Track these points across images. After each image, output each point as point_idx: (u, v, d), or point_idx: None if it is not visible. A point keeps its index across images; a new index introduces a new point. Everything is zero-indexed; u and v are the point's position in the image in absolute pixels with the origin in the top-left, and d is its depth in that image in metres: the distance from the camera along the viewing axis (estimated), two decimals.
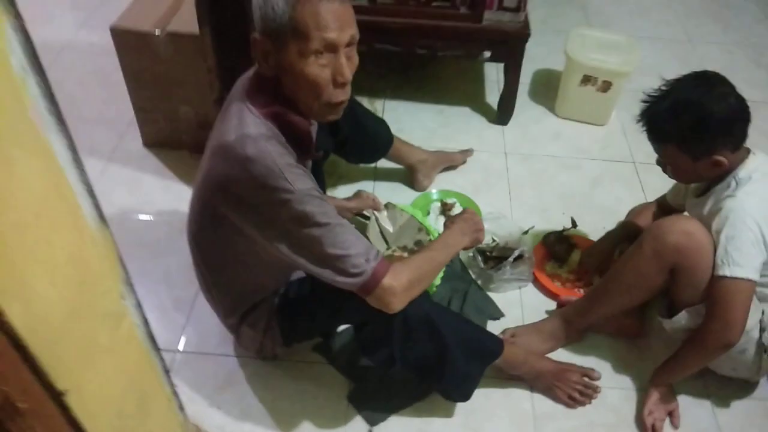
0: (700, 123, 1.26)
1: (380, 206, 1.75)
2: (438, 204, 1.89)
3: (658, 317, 1.46)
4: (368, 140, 1.78)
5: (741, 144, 1.31)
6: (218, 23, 1.52)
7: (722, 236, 1.27)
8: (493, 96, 2.31)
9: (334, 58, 1.06)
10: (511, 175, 2.05)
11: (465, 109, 2.29)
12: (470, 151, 2.07)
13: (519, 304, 1.67)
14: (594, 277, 1.71)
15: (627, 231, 1.66)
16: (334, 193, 1.90)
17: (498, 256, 1.71)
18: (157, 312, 1.58)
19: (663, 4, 3.03)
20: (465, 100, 2.32)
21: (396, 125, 1.97)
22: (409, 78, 2.40)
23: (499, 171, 2.06)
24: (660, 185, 1.65)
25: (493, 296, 1.68)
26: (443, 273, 1.61)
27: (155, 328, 0.91)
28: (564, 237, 1.79)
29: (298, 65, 1.05)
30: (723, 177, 1.33)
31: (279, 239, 1.10)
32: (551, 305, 1.67)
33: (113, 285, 0.84)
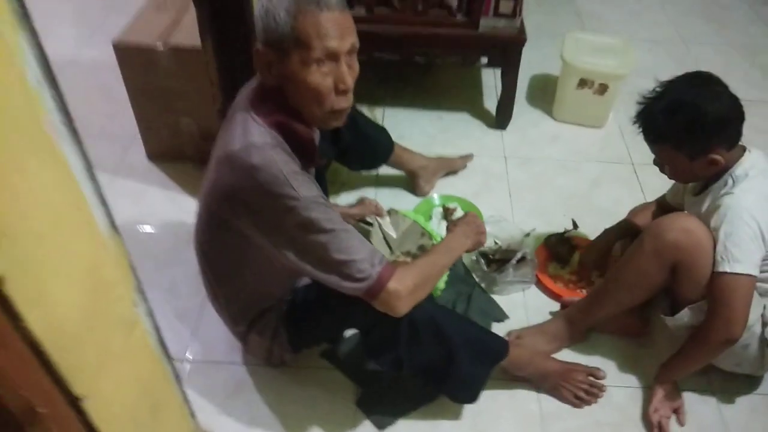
0: (695, 123, 1.28)
1: (383, 212, 1.76)
2: (440, 209, 1.91)
3: (661, 315, 1.47)
4: (369, 148, 1.80)
5: (736, 142, 1.32)
6: (220, 36, 1.54)
7: (721, 233, 1.28)
8: (491, 101, 2.33)
9: (336, 67, 1.08)
10: (511, 179, 2.07)
11: (464, 115, 2.32)
12: (470, 156, 2.09)
13: (523, 306, 1.68)
14: (593, 274, 1.72)
15: (623, 228, 1.68)
16: (337, 201, 1.92)
17: (501, 259, 1.73)
18: (165, 322, 1.58)
19: (656, 7, 3.07)
20: (463, 106, 2.35)
21: (396, 132, 1.99)
22: (408, 86, 2.42)
23: (499, 175, 2.08)
24: (659, 185, 1.67)
25: (497, 299, 1.69)
26: (447, 277, 1.63)
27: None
28: (565, 238, 1.80)
29: (301, 74, 1.07)
30: (720, 175, 1.34)
31: (285, 246, 1.12)
32: (555, 306, 1.68)
33: (126, 292, 0.85)
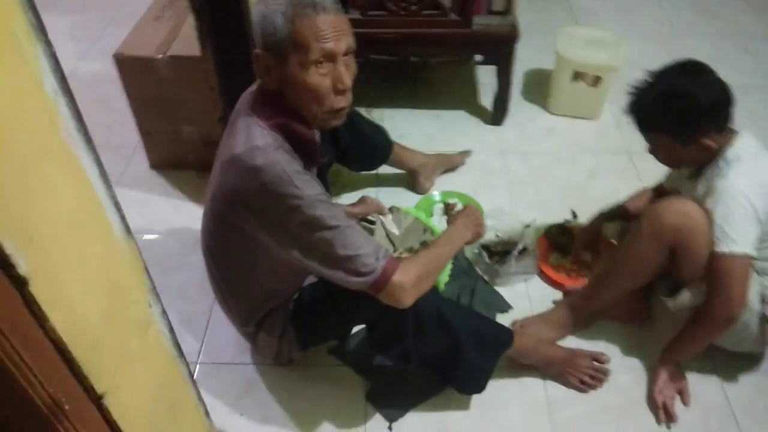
0: (688, 110, 1.30)
1: (385, 210, 1.78)
2: (440, 205, 1.94)
3: (661, 297, 1.50)
4: (369, 148, 1.83)
5: (725, 126, 1.35)
6: (219, 43, 1.57)
7: (716, 215, 1.31)
8: (487, 98, 2.36)
9: (334, 67, 1.12)
10: (510, 173, 2.10)
11: (461, 113, 2.35)
12: (469, 153, 2.12)
13: (526, 296, 1.71)
14: (584, 254, 1.78)
15: (614, 211, 1.74)
16: (339, 201, 1.94)
17: (502, 251, 1.75)
18: (174, 326, 1.62)
19: (648, 0, 3.09)
20: (460, 104, 2.38)
21: (395, 132, 2.01)
22: (405, 86, 2.45)
23: (498, 170, 2.11)
24: (655, 173, 1.69)
25: (501, 290, 1.72)
26: (450, 271, 1.65)
27: None
28: (566, 229, 1.83)
29: (300, 76, 1.10)
30: (712, 159, 1.37)
31: (291, 244, 1.14)
32: (557, 295, 1.71)
33: (141, 294, 0.88)
